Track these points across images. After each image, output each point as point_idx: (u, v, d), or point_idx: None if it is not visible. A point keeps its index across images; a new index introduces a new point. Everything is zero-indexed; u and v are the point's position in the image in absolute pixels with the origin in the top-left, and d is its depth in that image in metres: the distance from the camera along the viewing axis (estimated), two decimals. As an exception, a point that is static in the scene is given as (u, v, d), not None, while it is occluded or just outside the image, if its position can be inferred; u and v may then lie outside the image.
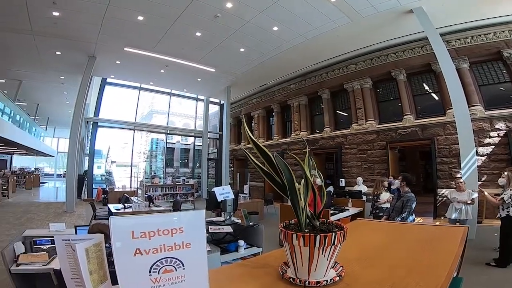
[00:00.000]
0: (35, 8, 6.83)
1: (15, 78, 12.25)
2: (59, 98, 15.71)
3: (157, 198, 9.78)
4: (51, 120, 21.17)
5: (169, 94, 15.56)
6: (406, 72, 9.32)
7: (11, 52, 9.54)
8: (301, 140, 12.40)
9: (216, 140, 17.12)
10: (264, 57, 10.07)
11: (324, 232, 0.82)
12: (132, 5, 6.92)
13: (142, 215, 0.59)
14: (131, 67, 11.27)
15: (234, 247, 3.28)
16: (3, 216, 7.82)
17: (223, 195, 3.73)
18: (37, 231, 2.82)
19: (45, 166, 30.25)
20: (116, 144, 15.71)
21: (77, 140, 9.92)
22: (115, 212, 5.64)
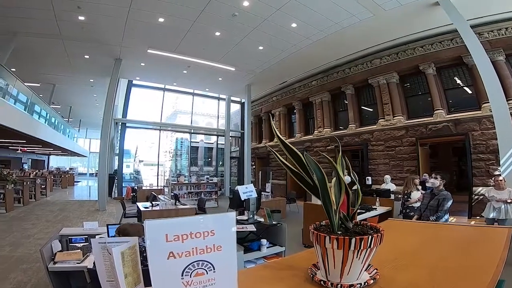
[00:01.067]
0: (61, 13, 7.20)
1: (49, 82, 13.04)
2: (90, 101, 16.57)
3: (183, 196, 10.01)
4: (83, 121, 22.38)
5: (192, 94, 15.90)
6: (435, 66, 8.83)
7: (43, 57, 10.16)
8: (324, 137, 12.17)
9: (238, 138, 17.25)
10: (283, 54, 9.97)
11: (359, 234, 0.78)
12: (153, 7, 7.11)
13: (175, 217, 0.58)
14: (155, 69, 11.62)
15: (257, 246, 3.28)
16: (42, 214, 8.35)
17: (246, 193, 3.75)
18: (73, 230, 2.99)
19: (78, 165, 32.12)
20: (144, 144, 16.36)
21: (107, 141, 10.43)
22: (143, 210, 5.85)
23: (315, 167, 0.85)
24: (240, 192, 3.71)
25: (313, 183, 0.85)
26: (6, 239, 5.46)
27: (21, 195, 9.87)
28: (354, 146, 10.95)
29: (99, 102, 14.98)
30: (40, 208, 9.50)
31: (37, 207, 9.70)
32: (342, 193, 0.85)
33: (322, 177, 0.83)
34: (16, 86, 8.37)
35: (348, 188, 0.86)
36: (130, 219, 6.33)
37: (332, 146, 11.74)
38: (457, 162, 11.49)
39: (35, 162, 25.17)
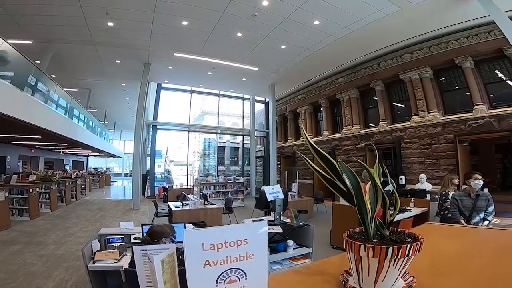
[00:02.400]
0: (92, 20, 7.65)
1: (85, 87, 13.96)
2: (123, 104, 17.51)
3: (211, 196, 10.23)
4: (117, 124, 23.68)
5: (217, 95, 16.19)
6: (473, 59, 8.20)
7: (79, 63, 10.85)
8: (354, 135, 11.79)
9: (263, 138, 17.27)
10: (307, 52, 9.81)
11: (396, 242, 0.74)
12: (176, 11, 7.31)
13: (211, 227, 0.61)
14: (182, 71, 11.98)
15: (283, 247, 3.27)
16: (82, 213, 8.86)
17: (273, 194, 3.75)
18: (110, 230, 3.16)
19: (114, 166, 33.94)
20: (174, 145, 16.96)
21: (140, 142, 10.96)
22: (174, 209, 6.06)
23: (349, 174, 0.83)
24: (266, 193, 3.72)
25: (347, 189, 0.83)
26: (51, 237, 5.82)
27: (63, 194, 10.47)
28: (385, 144, 10.49)
29: (131, 105, 15.78)
30: (81, 208, 10.09)
31: (78, 206, 10.31)
32: (379, 201, 0.82)
33: (357, 184, 0.81)
34: (57, 92, 8.94)
35: (385, 195, 0.83)
36: (162, 218, 6.60)
37: (362, 144, 11.35)
38: (501, 160, 10.58)
39: (76, 163, 27.06)
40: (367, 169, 0.83)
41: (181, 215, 5.98)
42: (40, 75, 7.58)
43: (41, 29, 8.07)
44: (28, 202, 7.54)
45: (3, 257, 4.39)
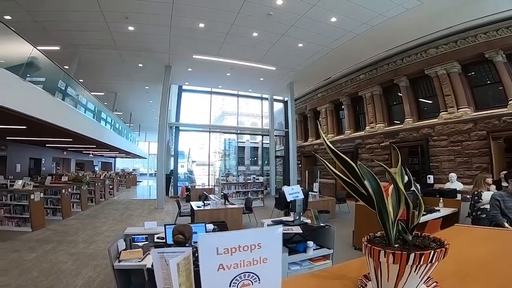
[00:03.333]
0: (113, 25, 7.94)
1: (111, 90, 14.58)
2: (147, 106, 18.11)
3: (231, 195, 10.34)
4: (142, 126, 24.52)
5: (236, 96, 16.32)
6: (504, 53, 7.66)
7: (104, 67, 11.34)
8: (377, 133, 11.42)
9: (283, 137, 17.18)
10: (325, 50, 9.64)
11: (419, 248, 0.70)
12: (192, 13, 7.44)
13: (225, 232, 0.62)
14: (201, 73, 12.19)
15: (303, 248, 3.22)
16: (110, 213, 9.24)
17: (293, 195, 3.71)
18: (135, 229, 3.28)
19: (140, 167, 35.30)
20: (195, 145, 17.37)
21: (163, 143, 11.29)
22: (196, 209, 6.19)
23: (370, 178, 0.80)
24: (286, 193, 3.69)
25: (367, 193, 0.81)
26: (81, 236, 6.08)
27: (93, 195, 10.97)
28: (412, 141, 10.05)
29: (154, 107, 16.29)
30: (109, 207, 10.54)
31: (106, 206, 10.77)
32: (401, 205, 0.79)
33: (378, 188, 0.78)
34: (85, 96, 9.35)
35: (408, 199, 0.79)
36: (185, 218, 6.74)
37: (386, 142, 10.97)
38: (543, 157, 9.77)
39: (104, 164, 28.42)
40: (388, 172, 0.80)
41: (203, 215, 6.11)
42: (69, 80, 7.95)
43: (67, 35, 8.48)
44: (61, 202, 7.94)
45: (38, 255, 4.63)
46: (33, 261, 4.28)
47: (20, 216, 6.34)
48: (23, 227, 6.29)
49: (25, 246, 5.09)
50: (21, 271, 3.82)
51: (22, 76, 5.41)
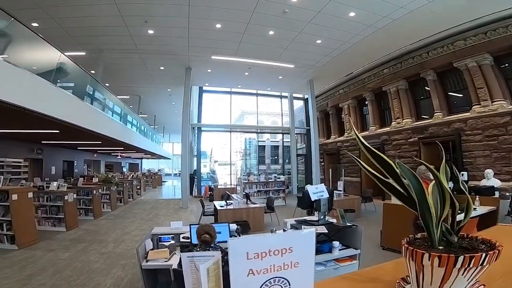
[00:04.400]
0: (134, 29, 8.16)
1: (135, 94, 15.10)
2: (169, 108, 18.58)
3: (253, 195, 10.36)
4: (166, 128, 25.25)
5: (255, 95, 16.34)
6: None
7: (128, 71, 11.71)
8: (405, 129, 10.96)
9: (304, 135, 16.97)
10: (345, 45, 9.37)
11: (467, 250, 0.65)
12: (208, 14, 7.49)
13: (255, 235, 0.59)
14: (220, 74, 12.30)
15: (328, 248, 3.14)
16: (137, 213, 9.52)
17: (317, 194, 3.62)
18: (162, 229, 3.34)
19: (165, 167, 36.40)
20: (217, 145, 17.61)
21: (186, 144, 11.54)
22: (219, 209, 6.27)
23: (410, 176, 0.75)
24: (310, 192, 3.61)
25: (407, 193, 0.75)
26: (111, 236, 6.26)
27: (122, 195, 11.34)
28: (442, 137, 9.52)
29: (177, 109, 16.68)
30: (136, 207, 10.87)
31: (134, 206, 11.13)
32: (447, 205, 0.72)
33: (420, 188, 0.72)
34: (111, 99, 9.71)
35: (454, 199, 0.73)
36: (208, 217, 6.83)
37: (414, 138, 10.49)
38: None
39: (132, 165, 29.61)
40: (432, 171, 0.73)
41: (226, 214, 6.15)
42: (96, 84, 8.29)
43: (92, 40, 8.82)
44: (93, 203, 8.27)
45: (71, 254, 4.82)
46: (67, 260, 4.48)
47: (55, 216, 6.66)
48: (58, 227, 6.60)
49: (60, 246, 5.35)
50: (56, 270, 4.01)
51: (53, 81, 5.72)
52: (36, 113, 5.03)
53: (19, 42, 5.04)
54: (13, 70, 4.54)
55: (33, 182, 7.58)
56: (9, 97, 4.31)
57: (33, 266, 4.15)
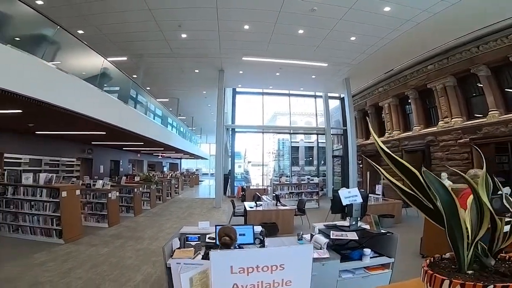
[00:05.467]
0: (168, 33, 8.47)
1: (174, 96, 15.76)
2: (206, 110, 19.19)
3: (284, 196, 10.22)
4: (203, 129, 26.15)
5: (288, 95, 16.18)
6: None
7: (166, 74, 12.25)
8: (454, 129, 10.03)
9: (341, 136, 16.37)
10: (382, 41, 8.83)
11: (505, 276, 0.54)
12: (235, 16, 7.52)
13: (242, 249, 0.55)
14: (251, 75, 12.38)
15: (358, 255, 2.93)
16: (174, 211, 9.89)
17: (349, 198, 3.43)
18: (190, 228, 3.40)
19: (202, 167, 37.79)
20: (250, 146, 17.78)
21: (221, 145, 11.82)
22: (249, 210, 6.28)
23: (438, 187, 0.64)
24: (341, 196, 3.43)
25: (433, 206, 0.65)
26: (147, 233, 6.51)
27: (161, 193, 11.87)
28: (500, 137, 8.52)
29: (212, 111, 17.16)
30: (174, 205, 11.31)
31: (171, 204, 11.59)
32: (485, 223, 0.60)
33: (450, 200, 0.61)
34: (152, 103, 10.23)
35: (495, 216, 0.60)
36: (239, 218, 6.89)
37: (466, 138, 9.54)
38: None
39: (172, 165, 31.20)
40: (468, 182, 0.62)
41: (255, 216, 6.14)
42: (138, 88, 8.80)
43: (131, 46, 9.37)
44: (133, 200, 8.77)
45: (109, 250, 5.03)
46: (104, 256, 4.71)
47: (99, 213, 7.12)
48: (102, 223, 7.04)
49: (101, 241, 5.63)
50: (94, 265, 4.23)
51: (98, 86, 6.21)
52: (85, 116, 5.50)
53: (67, 49, 5.49)
54: (64, 76, 5.01)
55: (83, 180, 8.20)
56: (63, 102, 4.76)
57: (74, 260, 4.43)
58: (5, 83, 3.65)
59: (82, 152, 13.30)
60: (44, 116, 6.01)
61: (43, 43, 4.82)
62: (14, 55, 3.94)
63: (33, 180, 5.56)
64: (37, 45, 4.65)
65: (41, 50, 4.63)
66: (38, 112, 5.36)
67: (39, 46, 4.68)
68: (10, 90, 3.71)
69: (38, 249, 4.77)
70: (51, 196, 5.40)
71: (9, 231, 5.53)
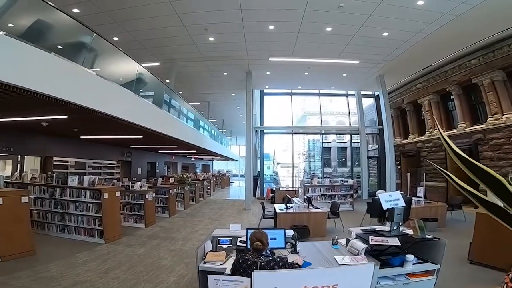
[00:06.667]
0: (196, 37, 8.62)
1: (205, 100, 16.19)
2: (235, 112, 19.44)
3: (315, 198, 9.92)
4: (233, 131, 26.56)
5: (318, 95, 15.80)
6: None
7: (197, 78, 12.55)
8: (506, 126, 9.11)
9: (376, 135, 15.60)
10: (418, 36, 8.29)
11: None
12: (260, 16, 7.44)
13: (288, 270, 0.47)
14: (279, 76, 12.26)
15: (399, 262, 2.71)
16: (206, 212, 10.01)
17: (390, 202, 3.22)
18: (222, 231, 3.39)
19: (233, 168, 38.31)
20: (279, 147, 17.65)
21: (250, 147, 11.85)
22: (279, 212, 6.13)
23: None
24: (381, 200, 3.22)
25: None
26: (181, 233, 6.56)
27: (194, 194, 12.11)
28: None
29: (241, 113, 17.32)
30: (206, 206, 11.47)
31: (204, 205, 11.76)
32: None
33: None
34: (184, 106, 10.53)
35: None
36: (268, 220, 6.78)
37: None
38: None
39: (204, 166, 32.04)
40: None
41: (285, 218, 6.00)
42: (171, 92, 9.09)
43: (163, 51, 9.67)
44: (169, 201, 9.00)
45: (146, 250, 5.12)
46: (141, 256, 4.79)
47: (137, 213, 7.39)
48: (139, 223, 7.30)
49: (138, 242, 5.75)
50: (130, 265, 4.30)
51: (134, 92, 6.50)
52: (123, 121, 5.79)
53: (104, 56, 5.78)
54: (103, 83, 5.31)
55: (122, 181, 8.62)
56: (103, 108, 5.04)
57: (113, 260, 4.55)
58: (51, 90, 3.92)
59: (122, 155, 14.11)
60: (87, 122, 6.43)
61: (82, 51, 5.09)
62: (58, 63, 4.20)
63: (78, 182, 5.89)
64: (77, 52, 4.92)
65: (81, 57, 4.90)
66: (81, 118, 5.73)
67: (79, 53, 4.96)
68: (55, 97, 3.98)
69: (81, 249, 5.00)
70: (93, 198, 5.68)
71: (56, 231, 5.90)
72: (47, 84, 3.87)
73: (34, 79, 3.68)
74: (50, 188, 6.06)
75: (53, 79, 4.07)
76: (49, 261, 4.29)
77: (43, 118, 5.91)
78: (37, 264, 4.18)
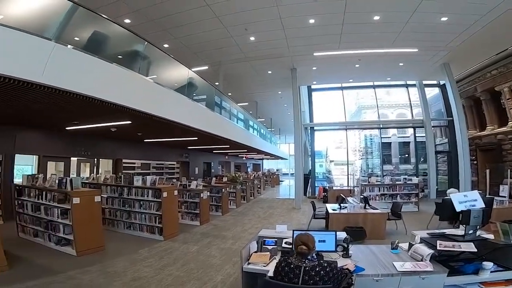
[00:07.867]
0: (238, 38, 8.62)
1: (252, 100, 16.32)
2: (283, 110, 19.24)
3: (374, 198, 9.18)
4: (281, 129, 26.41)
5: (372, 87, 14.69)
6: None
7: (243, 79, 12.66)
8: None
9: (445, 128, 13.85)
10: (485, 19, 7.18)
11: None
12: (299, 11, 7.11)
13: None
14: (327, 70, 11.70)
15: (472, 269, 2.31)
16: (256, 211, 10.06)
17: (466, 203, 2.79)
18: (268, 232, 3.33)
19: (282, 167, 38.23)
20: (332, 144, 16.92)
21: (300, 144, 11.59)
22: (331, 212, 5.80)
23: None
24: (454, 201, 2.81)
25: None
26: (232, 232, 6.65)
27: (245, 193, 12.32)
28: None
29: (289, 110, 17.07)
30: (256, 205, 11.53)
31: (254, 204, 11.85)
32: None
33: None
34: (234, 107, 10.79)
35: None
36: (319, 220, 6.50)
37: None
38: None
39: (255, 165, 32.63)
40: None
41: (338, 219, 5.67)
42: (221, 95, 9.40)
43: (210, 54, 9.93)
44: (222, 200, 9.29)
45: (198, 248, 5.26)
46: (194, 254, 4.94)
47: (193, 211, 7.74)
48: (195, 221, 7.63)
49: (192, 239, 5.96)
50: (184, 262, 4.45)
51: (187, 96, 6.87)
52: (180, 124, 6.22)
53: (156, 63, 6.18)
54: (160, 89, 5.72)
55: (181, 181, 9.20)
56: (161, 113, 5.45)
57: (169, 256, 4.75)
58: (116, 98, 4.35)
59: (180, 156, 15.18)
60: (148, 126, 7.04)
61: (137, 59, 5.51)
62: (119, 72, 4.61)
63: (142, 182, 6.43)
64: (133, 61, 5.34)
65: (137, 65, 5.32)
66: (142, 123, 6.29)
67: (134, 62, 5.38)
68: (119, 104, 4.41)
69: (143, 245, 5.37)
70: (155, 196, 6.11)
71: (123, 228, 6.50)
72: (111, 92, 4.28)
73: (100, 89, 4.09)
74: (119, 188, 6.71)
75: (115, 87, 4.48)
76: (115, 257, 4.67)
77: (111, 124, 6.63)
78: (106, 259, 4.53)
